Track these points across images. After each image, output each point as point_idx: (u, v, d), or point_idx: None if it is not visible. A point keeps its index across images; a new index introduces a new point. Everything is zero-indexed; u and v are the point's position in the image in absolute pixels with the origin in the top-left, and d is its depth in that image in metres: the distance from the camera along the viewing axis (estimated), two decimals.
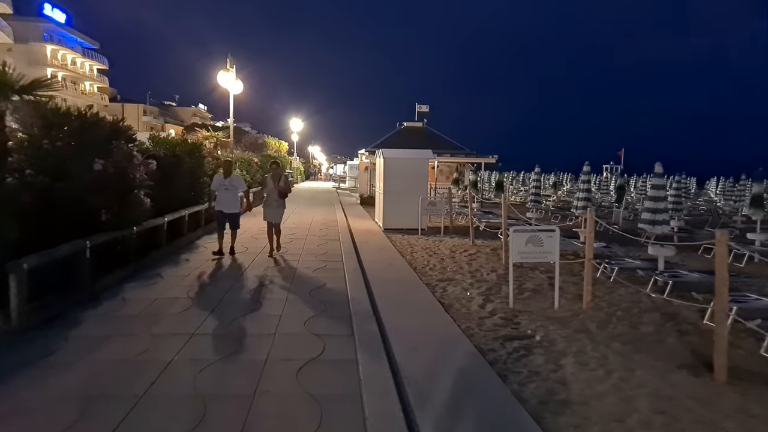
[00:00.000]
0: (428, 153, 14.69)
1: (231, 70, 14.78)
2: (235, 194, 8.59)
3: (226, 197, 8.46)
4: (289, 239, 10.97)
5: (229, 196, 8.48)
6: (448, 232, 13.66)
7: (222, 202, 8.45)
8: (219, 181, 8.53)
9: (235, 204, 8.58)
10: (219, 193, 8.47)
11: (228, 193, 8.47)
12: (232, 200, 8.51)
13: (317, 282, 7.04)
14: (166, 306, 5.62)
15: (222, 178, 8.54)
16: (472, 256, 10.28)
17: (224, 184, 8.48)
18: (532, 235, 6.58)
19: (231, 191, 8.50)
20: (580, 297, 7.18)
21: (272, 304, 5.87)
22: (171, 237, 8.66)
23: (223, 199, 8.45)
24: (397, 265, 8.92)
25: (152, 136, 9.75)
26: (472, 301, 6.91)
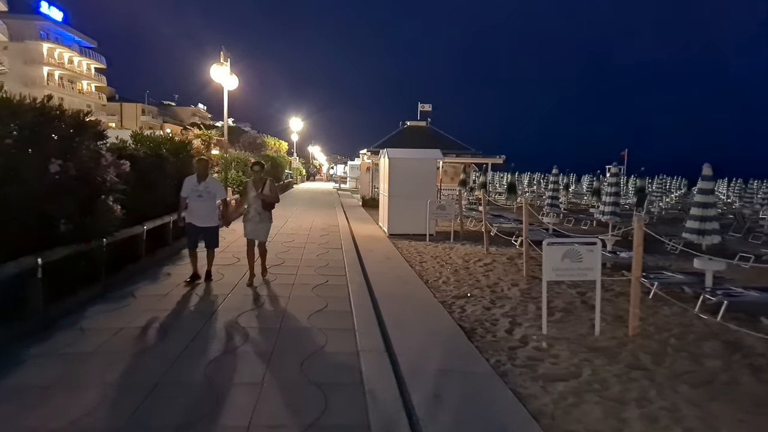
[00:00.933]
0: (436, 153, 13.73)
1: (225, 64, 13.82)
2: (212, 203, 6.79)
3: (200, 206, 6.71)
4: (287, 248, 9.98)
5: (204, 205, 6.72)
6: (458, 238, 12.70)
7: (194, 213, 6.73)
8: (191, 186, 6.71)
9: (211, 215, 6.82)
10: (191, 202, 6.70)
11: (202, 202, 6.70)
12: (207, 210, 6.75)
13: (317, 303, 6.01)
14: (131, 339, 4.58)
15: (195, 182, 6.74)
16: (488, 267, 9.31)
17: (197, 189, 6.70)
18: (570, 249, 5.60)
19: (206, 199, 6.72)
20: (620, 319, 6.22)
21: (262, 336, 4.81)
22: (153, 247, 7.68)
23: (195, 208, 6.72)
24: (406, 278, 7.95)
25: (134, 133, 8.78)
26: (497, 323, 5.94)
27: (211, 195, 6.79)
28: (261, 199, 6.81)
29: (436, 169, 13.29)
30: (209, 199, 6.77)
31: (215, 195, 6.85)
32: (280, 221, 14.58)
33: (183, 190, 6.78)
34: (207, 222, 6.79)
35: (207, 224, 6.80)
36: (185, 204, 6.75)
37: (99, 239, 5.64)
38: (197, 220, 6.77)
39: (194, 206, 6.72)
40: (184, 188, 6.76)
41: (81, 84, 67.01)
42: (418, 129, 29.07)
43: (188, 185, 6.75)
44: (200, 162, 7.04)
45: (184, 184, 6.79)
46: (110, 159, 5.60)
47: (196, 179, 6.77)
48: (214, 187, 6.91)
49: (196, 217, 6.76)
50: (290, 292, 6.48)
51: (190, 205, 6.73)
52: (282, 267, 8.09)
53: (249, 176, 8.43)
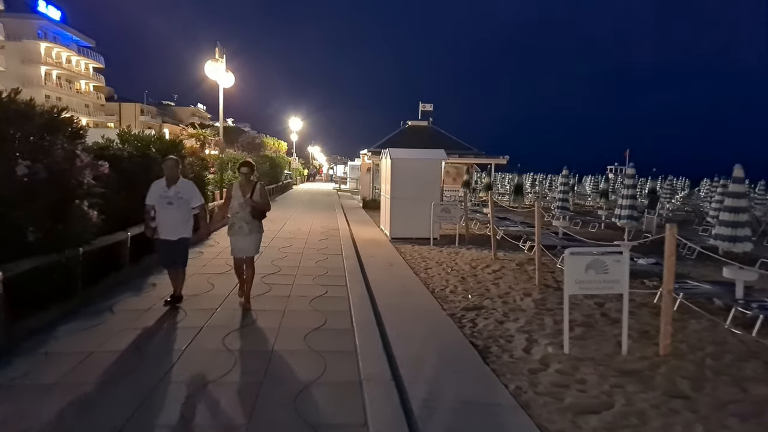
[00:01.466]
0: (441, 153, 13.18)
1: (220, 61, 13.28)
2: (184, 211, 5.65)
3: (170, 216, 5.52)
4: (284, 254, 9.43)
5: (175, 213, 5.54)
6: (463, 242, 12.15)
7: (164, 224, 5.54)
8: (158, 192, 5.54)
9: (183, 226, 5.64)
10: (159, 210, 5.54)
11: (173, 210, 5.51)
12: (179, 220, 5.59)
13: (315, 319, 5.43)
14: (99, 368, 3.97)
15: (163, 187, 5.55)
16: (497, 274, 8.77)
17: (166, 195, 5.51)
18: (595, 260, 5.06)
19: (178, 206, 5.56)
20: (646, 335, 5.69)
21: (251, 361, 4.23)
22: (138, 254, 7.13)
23: (165, 218, 5.52)
24: (411, 287, 7.41)
25: (121, 132, 8.24)
26: (512, 340, 5.40)
27: (184, 201, 5.64)
28: (250, 207, 5.65)
29: (441, 170, 12.73)
30: (181, 206, 5.61)
31: (189, 201, 5.69)
32: (277, 224, 14.03)
33: (148, 197, 5.60)
34: (179, 233, 5.63)
35: (177, 235, 5.64)
36: (152, 213, 5.59)
37: (74, 248, 5.09)
38: (167, 232, 5.59)
39: (164, 216, 5.54)
40: (150, 195, 5.60)
41: (79, 84, 66.53)
42: (419, 129, 28.52)
43: (155, 191, 5.58)
44: (168, 162, 5.69)
45: (150, 190, 5.62)
46: (86, 160, 5.06)
47: (164, 183, 5.60)
48: (188, 192, 5.70)
49: (167, 228, 5.58)
50: (285, 306, 5.91)
51: (159, 214, 5.56)
52: (278, 276, 7.54)
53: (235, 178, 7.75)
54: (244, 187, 5.77)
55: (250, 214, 5.69)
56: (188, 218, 5.74)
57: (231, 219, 5.80)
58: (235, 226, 5.74)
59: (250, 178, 5.84)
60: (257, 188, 5.82)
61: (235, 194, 5.76)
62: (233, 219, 5.76)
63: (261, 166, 21.03)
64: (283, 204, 22.13)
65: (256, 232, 5.84)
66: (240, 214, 5.70)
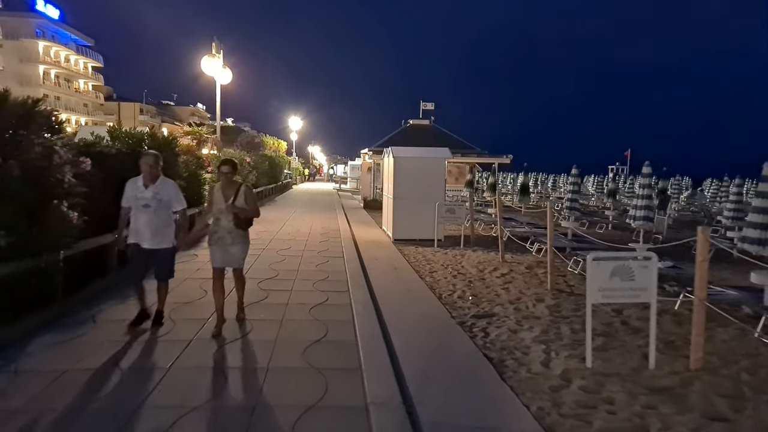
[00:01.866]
0: (445, 152, 12.76)
1: (217, 56, 12.87)
2: (164, 215, 4.83)
3: (147, 220, 4.72)
4: (282, 257, 9.00)
5: (153, 218, 4.73)
6: (468, 243, 11.73)
7: (139, 230, 4.74)
8: (134, 193, 4.77)
9: (163, 233, 4.83)
10: (135, 214, 4.75)
11: (150, 214, 4.71)
12: (157, 226, 4.76)
13: (315, 330, 4.98)
14: (73, 388, 3.51)
15: (140, 186, 4.77)
16: (506, 278, 8.35)
17: (143, 197, 4.73)
18: (620, 265, 4.64)
19: (156, 209, 4.74)
20: (672, 345, 5.28)
21: (245, 379, 3.83)
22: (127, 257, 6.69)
23: (141, 223, 4.73)
24: (417, 292, 7.00)
25: (111, 129, 7.83)
26: (529, 352, 4.99)
27: (164, 204, 4.80)
28: (234, 213, 4.78)
29: (445, 169, 12.32)
30: (161, 209, 4.78)
31: (170, 203, 4.86)
32: (276, 225, 13.62)
33: (124, 198, 4.82)
34: (157, 242, 4.78)
35: (158, 245, 4.79)
36: (126, 217, 4.80)
37: (53, 253, 4.67)
38: (143, 240, 4.74)
39: (139, 220, 4.73)
40: (126, 196, 4.81)
41: (78, 83, 66.19)
42: (421, 127, 28.11)
43: (130, 191, 4.78)
44: (146, 158, 4.80)
45: (126, 190, 4.82)
46: (65, 156, 4.64)
47: (141, 182, 4.79)
48: (168, 192, 4.85)
49: (142, 236, 4.73)
50: (283, 315, 5.48)
51: (134, 218, 4.75)
52: (275, 281, 7.11)
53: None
54: (226, 190, 4.86)
55: (234, 222, 4.80)
56: (168, 223, 4.91)
57: (212, 227, 4.91)
58: (216, 235, 4.86)
59: (232, 179, 4.93)
60: (242, 191, 4.88)
61: (215, 199, 4.88)
62: (214, 227, 4.88)
63: (260, 166, 20.63)
64: (283, 204, 21.72)
65: (240, 244, 4.94)
66: (222, 223, 4.82)
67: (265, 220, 14.84)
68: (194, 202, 9.94)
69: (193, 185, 9.51)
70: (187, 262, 7.82)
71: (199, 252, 8.16)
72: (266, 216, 16.31)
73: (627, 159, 61.30)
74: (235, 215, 4.81)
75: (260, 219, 16.69)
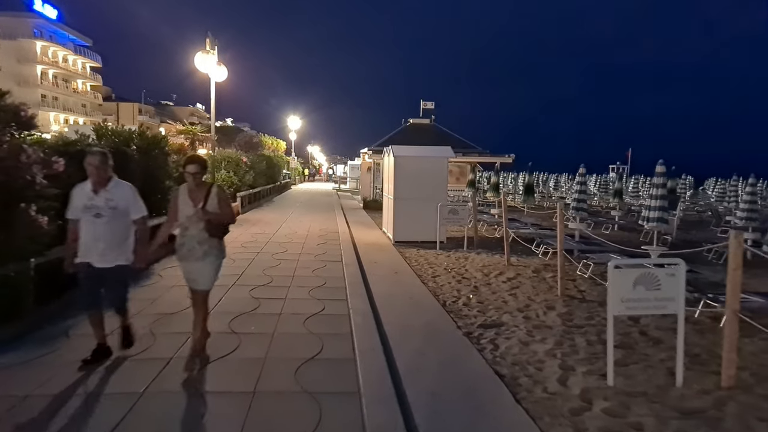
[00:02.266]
0: (447, 151, 12.34)
1: (212, 52, 12.44)
2: (120, 226, 3.99)
3: (98, 232, 3.89)
4: (277, 261, 8.57)
5: (106, 229, 3.90)
6: (471, 245, 11.31)
7: (89, 245, 3.91)
8: (82, 199, 3.93)
9: (119, 247, 4.00)
10: (83, 225, 3.91)
11: (103, 225, 3.89)
12: (112, 238, 3.93)
13: (309, 345, 4.52)
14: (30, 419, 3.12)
15: (89, 192, 3.93)
16: (513, 283, 7.93)
17: (93, 205, 3.89)
18: (644, 273, 4.22)
19: (111, 219, 3.91)
20: (698, 359, 4.87)
21: (228, 406, 3.39)
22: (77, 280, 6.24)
23: (92, 237, 3.89)
24: (419, 299, 6.57)
25: (97, 126, 7.41)
26: (543, 367, 4.57)
27: (120, 212, 3.95)
28: (205, 220, 4.00)
29: (447, 168, 11.90)
30: (116, 218, 3.93)
31: (126, 211, 4.02)
32: (272, 227, 13.19)
33: (70, 208, 3.97)
34: (111, 259, 3.93)
35: (111, 262, 3.93)
36: (74, 230, 3.96)
37: (20, 261, 4.25)
38: (95, 256, 3.89)
39: (90, 234, 3.87)
40: (72, 206, 3.96)
41: (76, 83, 65.85)
42: (421, 126, 27.67)
43: (77, 200, 3.93)
44: (92, 157, 3.87)
45: (72, 199, 3.98)
46: (34, 155, 4.22)
47: (89, 187, 3.93)
48: (124, 198, 4.01)
49: (93, 253, 3.89)
50: (275, 327, 5.02)
51: (84, 232, 3.90)
52: (269, 288, 6.67)
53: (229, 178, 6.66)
54: (195, 192, 4.08)
55: (205, 230, 4.02)
56: (126, 236, 4.07)
57: (179, 238, 4.12)
58: (184, 247, 4.07)
59: (201, 179, 4.14)
60: (213, 194, 4.10)
61: (181, 204, 4.08)
62: (181, 238, 4.10)
63: (257, 166, 20.18)
64: (281, 205, 21.31)
65: (213, 256, 4.11)
66: (190, 232, 4.05)
67: (261, 221, 14.44)
68: None
69: None
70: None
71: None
72: (263, 217, 15.92)
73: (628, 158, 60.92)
74: (207, 222, 4.02)
75: (256, 221, 16.28)
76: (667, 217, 9.09)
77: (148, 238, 4.23)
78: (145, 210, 4.22)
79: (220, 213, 4.12)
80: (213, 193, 4.13)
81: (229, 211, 4.24)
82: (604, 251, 9.64)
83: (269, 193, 23.78)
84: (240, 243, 10.21)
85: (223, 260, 4.26)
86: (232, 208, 4.46)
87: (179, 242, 4.13)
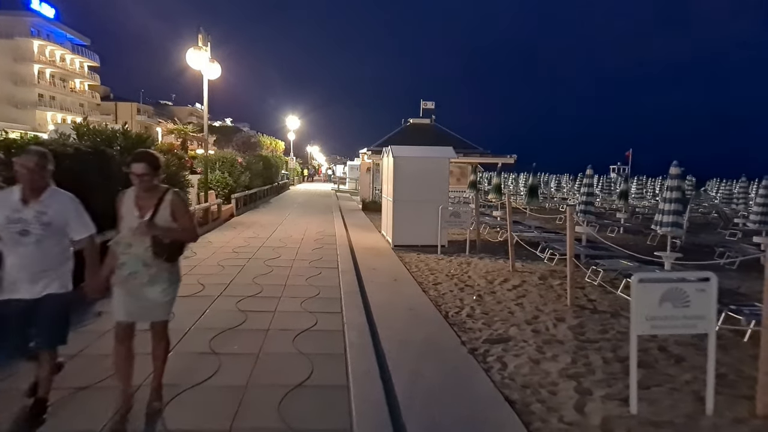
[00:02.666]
0: (448, 151, 11.91)
1: (204, 49, 12.00)
2: (56, 246, 3.17)
3: (27, 255, 3.05)
4: (269, 268, 8.12)
5: (35, 251, 3.06)
6: (474, 249, 10.87)
7: (13, 274, 3.07)
8: (5, 209, 3.06)
9: (53, 272, 3.15)
10: (6, 246, 3.08)
11: (30, 245, 3.04)
12: (42, 263, 3.09)
13: (297, 369, 4.02)
14: None
15: (16, 202, 3.07)
16: (519, 291, 7.50)
17: (21, 218, 3.04)
18: (672, 288, 3.78)
19: (42, 238, 3.07)
20: (724, 380, 4.42)
21: None
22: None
23: (17, 262, 3.05)
24: (420, 311, 6.14)
25: (77, 125, 6.98)
26: (557, 390, 4.13)
27: (54, 231, 3.11)
28: (153, 233, 3.11)
29: (448, 169, 11.46)
30: (49, 238, 3.09)
31: (63, 228, 3.17)
32: (267, 231, 12.73)
33: None
34: (42, 286, 3.09)
35: (42, 291, 3.09)
36: None
37: None
38: (23, 284, 3.05)
39: (13, 257, 3.06)
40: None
41: (74, 82, 65.40)
42: (422, 126, 27.25)
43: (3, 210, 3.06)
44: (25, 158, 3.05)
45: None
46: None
47: (17, 196, 3.08)
48: (62, 211, 3.15)
49: (18, 283, 3.05)
50: (261, 346, 4.54)
51: (6, 254, 3.08)
52: (258, 299, 6.20)
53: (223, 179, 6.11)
54: (143, 199, 3.17)
55: (152, 250, 3.11)
56: (62, 261, 3.21)
57: (120, 256, 3.17)
58: (125, 269, 3.13)
59: (152, 183, 3.16)
60: (166, 202, 3.19)
61: (126, 212, 3.18)
62: (122, 257, 3.16)
63: (253, 166, 19.70)
64: (277, 206, 20.86)
65: (163, 283, 3.20)
66: (134, 249, 3.12)
67: (256, 224, 13.98)
68: None
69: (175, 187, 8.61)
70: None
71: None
72: (258, 220, 15.46)
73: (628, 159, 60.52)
74: (155, 239, 3.09)
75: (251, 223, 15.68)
76: (682, 222, 8.65)
77: (99, 260, 3.29)
78: (93, 227, 3.30)
79: (174, 228, 3.18)
80: (166, 201, 3.18)
81: (188, 225, 3.29)
82: (613, 256, 9.20)
83: (266, 194, 23.33)
84: (232, 248, 9.76)
85: (179, 287, 3.34)
86: (193, 221, 3.45)
87: (119, 262, 3.15)
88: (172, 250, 3.20)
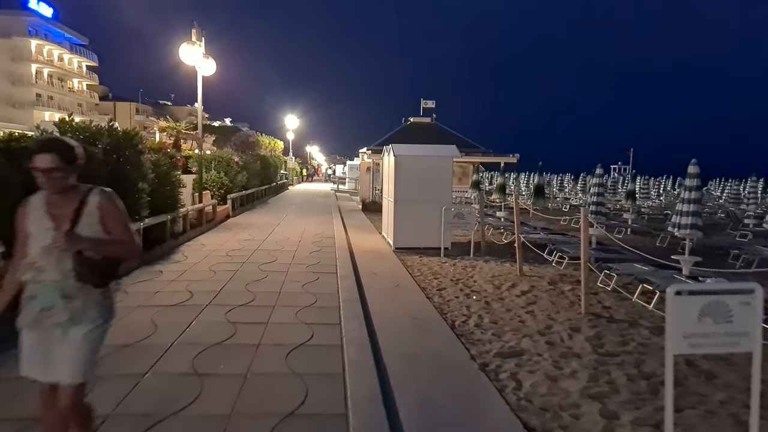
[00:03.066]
0: (452, 150, 11.48)
1: (198, 44, 11.56)
2: None
3: None
4: (264, 273, 7.66)
5: None
6: (478, 251, 10.44)
7: None
8: None
9: None
10: None
11: None
12: None
13: (289, 393, 3.54)
14: None
15: None
16: (528, 297, 7.06)
17: None
18: (712, 302, 3.34)
19: None
20: (763, 399, 3.97)
21: None
22: None
23: None
24: (425, 320, 5.70)
25: (60, 121, 6.55)
26: (579, 414, 3.70)
27: None
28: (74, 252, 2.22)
29: (450, 168, 11.03)
30: None
31: None
32: (263, 232, 12.28)
33: None
34: None
35: None
36: None
37: None
38: None
39: None
40: None
41: (72, 82, 65.08)
42: (422, 125, 26.82)
43: None
44: None
45: None
46: None
47: None
48: None
49: None
50: (250, 365, 4.05)
51: None
52: (250, 308, 5.74)
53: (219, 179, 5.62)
54: (56, 206, 2.28)
55: (75, 273, 2.24)
56: None
57: (28, 286, 2.30)
58: (35, 303, 2.27)
59: (65, 183, 2.24)
60: (92, 206, 2.31)
61: (33, 225, 2.30)
62: (31, 286, 2.29)
63: (251, 166, 19.26)
64: (275, 207, 20.41)
65: (90, 322, 2.31)
66: (47, 275, 2.27)
67: (252, 226, 13.51)
68: (166, 208, 8.64)
69: (162, 189, 8.19)
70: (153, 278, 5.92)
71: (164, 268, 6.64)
72: (255, 221, 15.00)
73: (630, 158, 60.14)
74: (79, 257, 2.23)
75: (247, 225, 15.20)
76: (700, 224, 8.21)
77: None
78: None
79: (106, 240, 2.32)
80: (91, 204, 2.29)
81: (125, 236, 2.37)
82: (625, 260, 8.78)
83: (264, 194, 22.89)
84: (225, 251, 9.31)
85: (109, 328, 2.41)
86: (131, 230, 2.44)
87: (27, 294, 2.28)
88: (101, 272, 2.26)
